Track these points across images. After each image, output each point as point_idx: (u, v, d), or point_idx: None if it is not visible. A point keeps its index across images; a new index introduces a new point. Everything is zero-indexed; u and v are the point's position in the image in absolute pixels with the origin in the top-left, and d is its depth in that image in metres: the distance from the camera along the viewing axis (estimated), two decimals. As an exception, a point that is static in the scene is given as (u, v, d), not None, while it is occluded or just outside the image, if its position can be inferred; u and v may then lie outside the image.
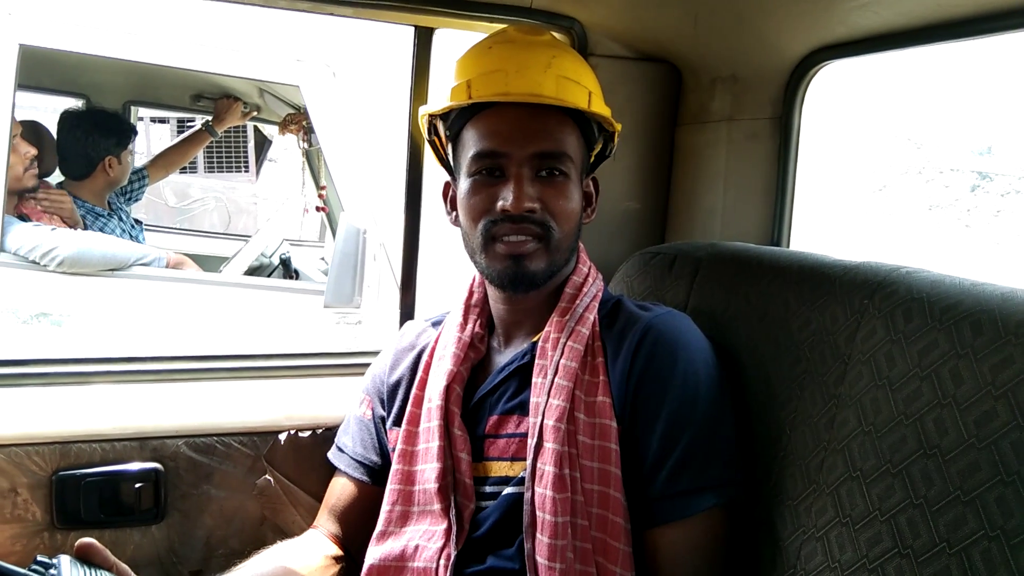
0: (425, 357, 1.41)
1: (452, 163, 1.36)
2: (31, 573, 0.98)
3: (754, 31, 1.61)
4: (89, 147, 3.30)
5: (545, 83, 1.25)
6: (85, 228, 3.24)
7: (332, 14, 1.68)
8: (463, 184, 1.30)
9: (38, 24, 2.86)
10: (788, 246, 1.73)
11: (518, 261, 1.26)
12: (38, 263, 2.95)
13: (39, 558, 1.01)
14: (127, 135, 3.46)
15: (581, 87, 1.28)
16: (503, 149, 1.25)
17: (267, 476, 1.62)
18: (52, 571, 0.99)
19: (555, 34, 1.65)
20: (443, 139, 1.37)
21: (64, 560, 1.02)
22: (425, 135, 1.40)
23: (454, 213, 1.36)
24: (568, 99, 1.26)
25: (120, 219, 3.43)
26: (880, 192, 12.71)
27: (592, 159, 1.38)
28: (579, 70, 1.31)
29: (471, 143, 1.28)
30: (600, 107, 1.31)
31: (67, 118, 3.39)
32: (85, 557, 1.07)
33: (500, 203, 1.24)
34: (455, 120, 1.32)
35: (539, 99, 1.25)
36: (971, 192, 12.59)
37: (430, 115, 1.35)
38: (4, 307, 2.96)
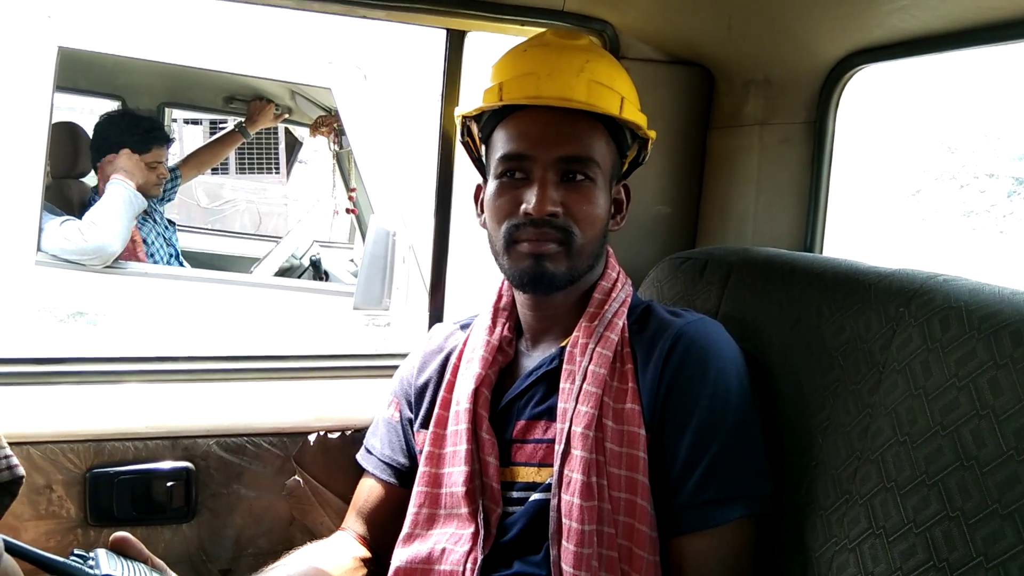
0: (453, 360, 1.41)
1: (484, 165, 1.37)
2: (70, 562, 1.00)
3: (789, 34, 1.60)
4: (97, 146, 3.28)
5: (576, 87, 1.25)
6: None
7: (364, 17, 1.69)
8: (490, 186, 1.31)
9: (76, 27, 2.90)
10: (821, 252, 1.71)
11: (539, 261, 1.26)
12: (74, 262, 2.98)
13: (76, 551, 1.03)
14: (147, 140, 3.26)
15: (614, 92, 1.28)
16: (529, 152, 1.25)
17: (296, 477, 1.63)
18: (90, 562, 1.01)
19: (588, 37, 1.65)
20: (477, 141, 1.38)
21: (102, 553, 1.05)
22: (459, 137, 1.41)
23: (483, 215, 1.36)
24: (599, 104, 1.25)
25: (154, 220, 3.47)
26: (914, 197, 12.54)
27: (625, 167, 1.38)
28: (613, 75, 1.30)
29: (499, 145, 1.29)
30: (633, 114, 1.30)
31: (103, 118, 3.43)
32: (120, 550, 1.09)
33: (523, 206, 1.24)
34: (487, 122, 1.32)
35: (568, 103, 1.24)
36: (1008, 198, 12.38)
37: (464, 116, 1.36)
38: (41, 306, 3.00)
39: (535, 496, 1.24)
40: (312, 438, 1.64)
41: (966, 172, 12.70)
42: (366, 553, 1.43)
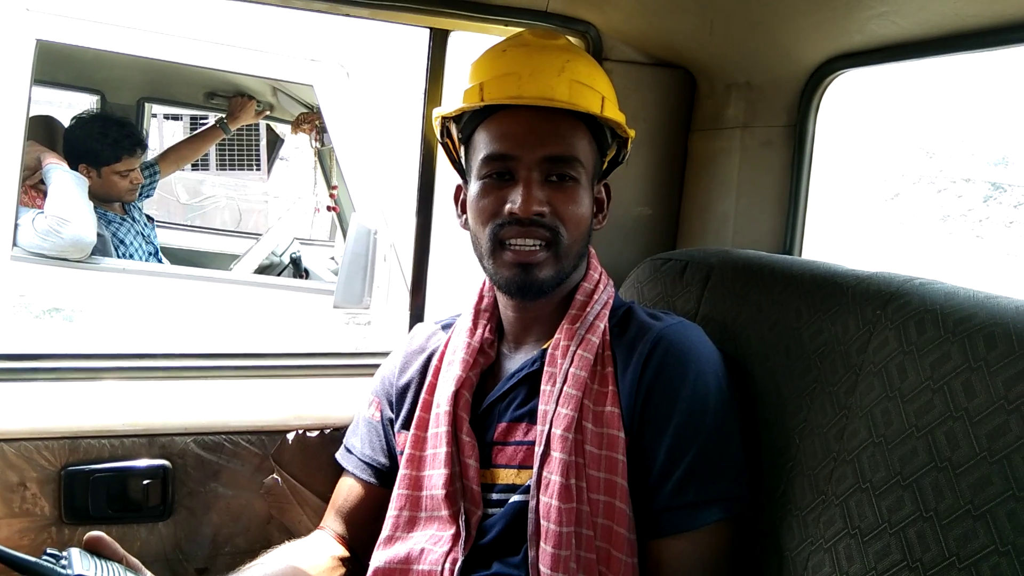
0: (435, 361, 1.41)
1: (464, 166, 1.36)
2: (43, 562, 0.98)
3: (770, 38, 1.61)
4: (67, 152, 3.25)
5: (558, 87, 1.25)
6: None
7: (348, 15, 1.68)
8: (473, 187, 1.30)
9: (55, 20, 2.87)
10: (800, 255, 1.72)
11: (526, 269, 1.26)
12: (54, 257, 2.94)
13: (49, 551, 1.02)
14: (117, 149, 3.27)
15: (594, 92, 1.28)
16: (513, 152, 1.25)
17: (274, 475, 1.62)
18: (63, 562, 1.00)
19: (570, 38, 1.65)
20: (456, 142, 1.37)
21: (75, 552, 1.04)
22: (438, 137, 1.40)
23: (464, 216, 1.36)
24: (581, 103, 1.25)
25: (133, 218, 3.44)
26: (892, 201, 12.66)
27: (605, 165, 1.38)
28: (593, 75, 1.30)
29: (482, 146, 1.28)
30: (613, 112, 1.30)
31: (74, 122, 3.40)
32: (94, 550, 1.08)
33: (509, 206, 1.24)
34: (467, 123, 1.32)
35: (551, 103, 1.24)
36: (984, 203, 12.52)
37: (443, 117, 1.35)
38: (16, 301, 2.96)
39: (514, 498, 1.25)
40: (291, 436, 1.63)
41: (944, 177, 12.84)
42: (344, 552, 1.43)
